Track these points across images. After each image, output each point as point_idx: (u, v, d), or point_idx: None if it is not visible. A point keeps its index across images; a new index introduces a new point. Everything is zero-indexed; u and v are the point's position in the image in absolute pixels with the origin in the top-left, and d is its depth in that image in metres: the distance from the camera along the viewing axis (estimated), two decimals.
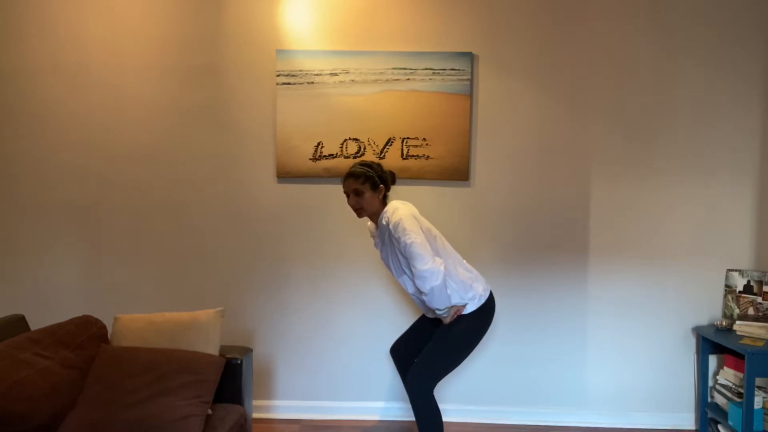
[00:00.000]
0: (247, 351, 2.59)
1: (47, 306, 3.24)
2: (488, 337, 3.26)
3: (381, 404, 3.31)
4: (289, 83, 3.20)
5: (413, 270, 2.35)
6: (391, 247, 2.50)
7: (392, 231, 2.38)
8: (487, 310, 2.54)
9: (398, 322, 3.18)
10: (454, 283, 2.45)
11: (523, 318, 3.27)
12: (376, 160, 2.81)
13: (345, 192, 2.52)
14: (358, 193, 2.47)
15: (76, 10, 3.22)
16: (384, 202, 2.53)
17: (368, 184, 2.46)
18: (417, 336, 2.72)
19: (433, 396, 2.44)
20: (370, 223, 2.66)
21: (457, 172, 3.19)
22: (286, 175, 3.23)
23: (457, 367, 2.57)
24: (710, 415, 3.10)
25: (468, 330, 2.50)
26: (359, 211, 2.52)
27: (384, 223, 2.45)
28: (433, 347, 2.49)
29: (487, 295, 2.55)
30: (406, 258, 2.39)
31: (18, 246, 3.30)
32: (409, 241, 2.32)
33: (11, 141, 3.26)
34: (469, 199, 3.24)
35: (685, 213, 3.21)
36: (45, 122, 3.25)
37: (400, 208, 2.42)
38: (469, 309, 2.48)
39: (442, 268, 2.36)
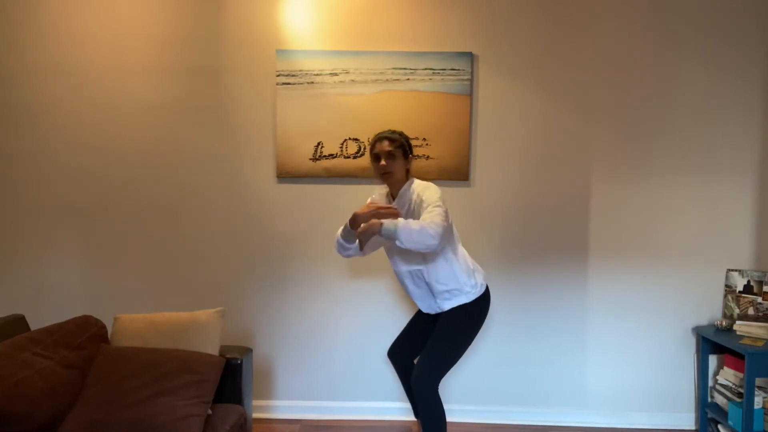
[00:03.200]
0: (247, 351, 2.59)
1: (47, 306, 3.24)
2: (488, 337, 3.27)
3: (381, 404, 3.31)
4: (289, 83, 3.20)
5: (421, 217, 2.26)
6: (410, 217, 2.44)
7: (423, 197, 2.33)
8: (485, 300, 2.55)
9: (398, 322, 3.18)
10: (461, 264, 2.47)
11: (523, 318, 3.27)
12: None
13: (376, 153, 2.46)
14: (391, 156, 2.44)
15: (76, 10, 3.22)
16: (407, 175, 2.52)
17: (401, 150, 2.45)
18: (414, 336, 2.71)
19: (438, 392, 2.44)
20: (376, 195, 2.62)
21: (457, 172, 3.19)
22: (286, 175, 3.23)
23: (457, 363, 2.56)
24: (710, 415, 3.10)
25: (467, 321, 2.50)
26: (388, 175, 2.47)
27: (411, 194, 2.44)
28: (435, 343, 2.47)
29: (485, 286, 2.57)
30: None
31: (18, 246, 3.30)
32: (439, 210, 2.27)
33: (11, 141, 3.26)
34: (469, 199, 3.25)
35: (685, 213, 3.21)
36: (44, 122, 3.25)
37: (432, 185, 2.42)
38: (471, 298, 2.48)
39: (437, 241, 2.22)
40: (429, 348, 2.48)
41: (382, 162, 2.46)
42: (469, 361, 3.27)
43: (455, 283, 2.46)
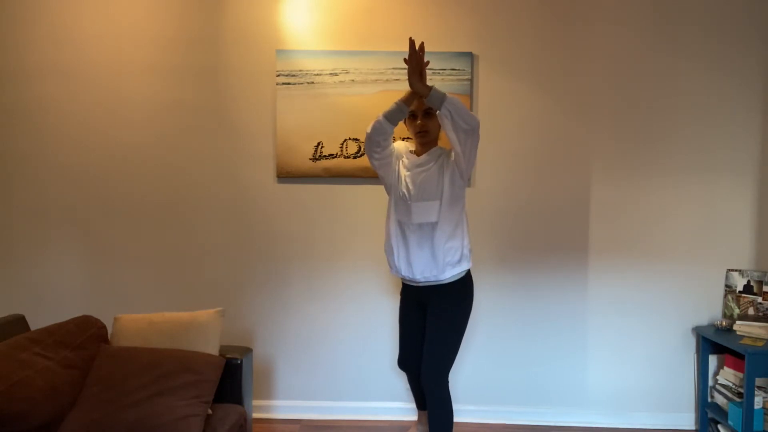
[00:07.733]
0: (247, 351, 2.59)
1: (47, 306, 3.24)
2: (489, 337, 3.27)
3: (381, 404, 3.31)
4: (289, 83, 3.20)
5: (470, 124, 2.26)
6: (438, 171, 2.41)
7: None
8: (471, 279, 2.53)
9: (398, 323, 3.17)
10: (466, 226, 2.47)
11: (524, 318, 3.27)
12: None
13: (412, 111, 2.38)
14: (429, 115, 2.39)
15: (75, 9, 3.22)
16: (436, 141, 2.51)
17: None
18: (415, 338, 2.64)
19: (449, 388, 2.43)
20: (403, 149, 2.56)
21: None
22: (286, 175, 3.23)
23: (458, 363, 2.55)
24: (710, 415, 3.10)
25: (458, 300, 2.47)
26: (424, 134, 2.43)
27: (441, 152, 2.44)
28: (434, 333, 2.43)
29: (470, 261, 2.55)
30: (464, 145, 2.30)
31: (18, 246, 3.29)
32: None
33: (10, 142, 3.26)
34: (469, 199, 3.22)
35: (685, 213, 3.21)
36: (43, 123, 3.25)
37: None
38: (464, 267, 2.45)
39: (478, 122, 2.31)
40: (430, 340, 2.44)
41: (419, 121, 2.41)
42: (470, 361, 3.27)
43: (460, 243, 2.40)
